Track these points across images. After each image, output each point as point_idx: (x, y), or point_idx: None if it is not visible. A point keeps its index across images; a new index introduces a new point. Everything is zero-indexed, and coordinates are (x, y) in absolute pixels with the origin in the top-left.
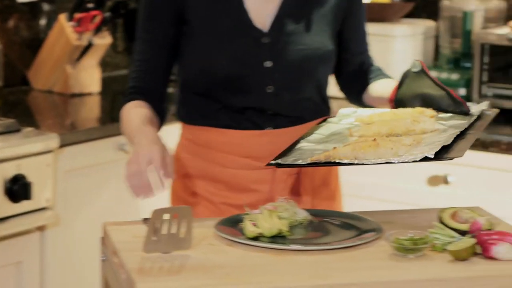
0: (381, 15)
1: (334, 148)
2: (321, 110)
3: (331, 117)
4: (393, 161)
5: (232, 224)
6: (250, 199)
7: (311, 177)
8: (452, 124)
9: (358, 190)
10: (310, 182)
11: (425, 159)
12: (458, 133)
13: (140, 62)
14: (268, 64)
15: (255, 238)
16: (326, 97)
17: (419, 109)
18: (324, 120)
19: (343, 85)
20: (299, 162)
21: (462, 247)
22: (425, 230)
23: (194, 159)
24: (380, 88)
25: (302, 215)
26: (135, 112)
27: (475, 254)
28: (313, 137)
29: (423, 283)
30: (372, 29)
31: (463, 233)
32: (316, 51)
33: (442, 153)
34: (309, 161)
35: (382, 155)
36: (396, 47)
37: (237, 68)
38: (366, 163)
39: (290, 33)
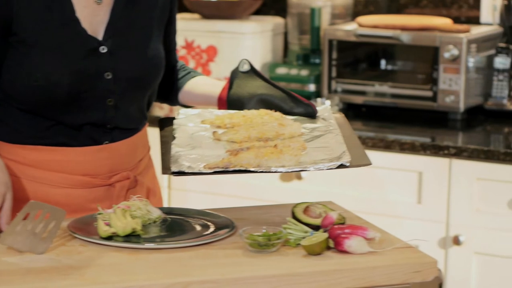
0: (230, 12)
1: (236, 154)
2: (145, 118)
3: (171, 118)
4: (309, 169)
5: (86, 224)
6: None
7: (145, 188)
8: (312, 127)
9: (211, 187)
10: (145, 194)
11: (340, 166)
12: (341, 139)
13: None
14: (108, 75)
15: (109, 238)
16: (151, 105)
17: (264, 111)
18: (166, 120)
19: None
20: (199, 170)
21: (315, 242)
22: (279, 225)
23: (19, 180)
24: (203, 86)
25: (156, 213)
26: None
27: (328, 248)
28: (178, 140)
29: (277, 278)
30: (221, 26)
31: (316, 227)
32: (152, 59)
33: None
34: (209, 169)
35: (285, 162)
36: (246, 44)
37: (79, 83)
38: (280, 170)
39: (125, 41)
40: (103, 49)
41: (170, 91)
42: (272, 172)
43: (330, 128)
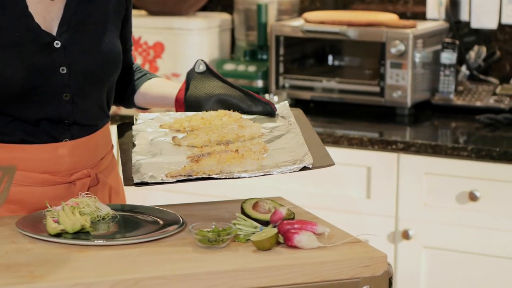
0: (176, 8)
1: (197, 160)
2: (106, 115)
3: (130, 123)
4: (272, 173)
5: (35, 221)
6: None
7: (108, 187)
8: (271, 126)
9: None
10: (107, 193)
11: (304, 168)
12: (302, 139)
13: None
14: (63, 70)
15: (58, 235)
16: (110, 102)
17: (222, 112)
18: (124, 126)
19: None
20: (161, 179)
21: (265, 237)
22: (228, 221)
23: None
24: (159, 88)
25: (105, 210)
26: None
27: (278, 243)
28: (138, 148)
29: (227, 274)
30: (168, 23)
31: (265, 223)
32: (108, 53)
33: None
34: (171, 178)
35: (247, 167)
36: (193, 40)
37: (33, 77)
38: (243, 176)
39: (79, 36)
40: (57, 44)
41: (125, 92)
42: (235, 178)
43: (290, 127)
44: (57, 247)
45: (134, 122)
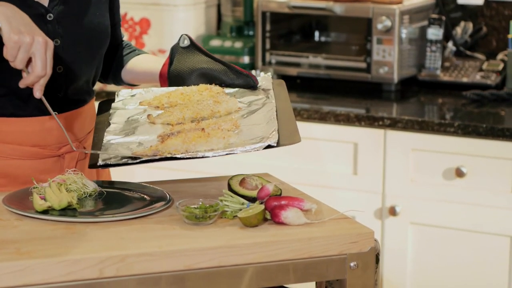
0: None
1: (162, 140)
2: (92, 91)
3: (110, 100)
4: (236, 152)
5: (21, 198)
6: None
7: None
8: (250, 100)
9: None
10: (94, 169)
11: (268, 147)
12: (274, 114)
13: None
14: (57, 42)
15: (45, 212)
16: (96, 78)
17: (203, 86)
18: (104, 103)
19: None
20: (126, 160)
21: (252, 214)
22: (215, 198)
23: None
24: (145, 63)
25: (92, 187)
26: None
27: (265, 220)
28: (113, 127)
29: (215, 250)
30: None
31: (252, 199)
32: (98, 25)
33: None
34: (135, 159)
35: (213, 145)
36: (179, 16)
37: None
38: (207, 155)
39: (70, 8)
40: (50, 17)
41: (114, 69)
42: (199, 157)
43: (266, 101)
44: (44, 224)
45: (115, 99)
